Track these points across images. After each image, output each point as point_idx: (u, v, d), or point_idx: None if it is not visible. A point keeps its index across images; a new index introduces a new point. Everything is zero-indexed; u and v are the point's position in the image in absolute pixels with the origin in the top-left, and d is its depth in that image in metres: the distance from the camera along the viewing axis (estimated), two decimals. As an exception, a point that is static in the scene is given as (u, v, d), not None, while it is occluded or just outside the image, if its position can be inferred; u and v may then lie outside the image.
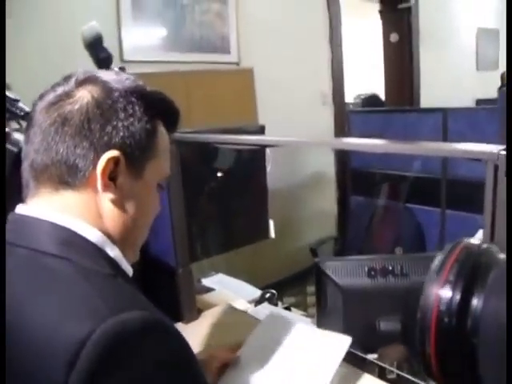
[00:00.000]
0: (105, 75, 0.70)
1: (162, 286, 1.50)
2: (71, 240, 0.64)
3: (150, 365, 0.54)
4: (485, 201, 0.66)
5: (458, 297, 0.49)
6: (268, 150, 1.66)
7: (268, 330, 1.20)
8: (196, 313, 1.50)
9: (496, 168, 0.65)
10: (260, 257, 3.08)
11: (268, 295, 1.77)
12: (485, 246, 0.53)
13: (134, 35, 2.67)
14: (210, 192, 1.58)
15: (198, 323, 1.47)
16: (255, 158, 1.67)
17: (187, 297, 1.46)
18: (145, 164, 0.70)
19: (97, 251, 0.66)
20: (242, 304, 1.66)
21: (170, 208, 1.39)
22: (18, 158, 0.74)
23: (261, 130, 1.68)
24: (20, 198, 0.71)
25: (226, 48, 3.06)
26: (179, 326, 1.45)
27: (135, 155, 0.68)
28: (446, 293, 0.49)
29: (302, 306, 3.04)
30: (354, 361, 1.19)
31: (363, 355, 1.22)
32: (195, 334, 1.41)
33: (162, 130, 0.74)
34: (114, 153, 0.65)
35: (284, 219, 3.31)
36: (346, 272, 1.26)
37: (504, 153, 0.63)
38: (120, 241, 0.70)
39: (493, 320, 0.46)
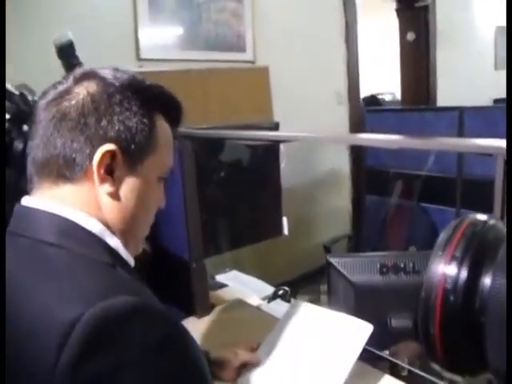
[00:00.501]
0: (102, 71, 0.71)
1: (176, 280, 1.52)
2: (70, 230, 0.66)
3: (135, 348, 0.55)
4: (494, 194, 0.67)
5: (465, 274, 0.44)
6: (282, 147, 1.67)
7: (289, 322, 1.21)
8: (209, 307, 1.52)
9: (505, 162, 0.65)
10: (274, 255, 3.09)
11: (281, 292, 1.78)
12: (492, 221, 0.50)
13: (150, 34, 2.69)
14: (223, 188, 1.60)
15: (211, 318, 1.48)
16: (269, 154, 1.68)
17: (200, 291, 1.48)
18: (143, 157, 0.71)
19: (95, 241, 0.68)
20: (254, 300, 1.67)
21: (185, 203, 1.41)
22: None
23: (275, 127, 1.68)
24: None
25: (241, 46, 3.08)
26: (192, 320, 1.47)
27: (132, 149, 0.69)
28: (452, 270, 0.45)
29: (315, 305, 3.04)
30: (365, 357, 1.20)
31: (375, 351, 1.22)
32: (208, 328, 1.43)
33: (161, 123, 0.74)
34: (109, 146, 0.67)
35: (298, 217, 3.31)
36: (358, 268, 1.27)
37: (514, 147, 0.64)
38: (120, 232, 0.71)
39: (502, 299, 0.42)
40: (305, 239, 3.40)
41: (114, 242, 0.70)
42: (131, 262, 0.74)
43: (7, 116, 0.97)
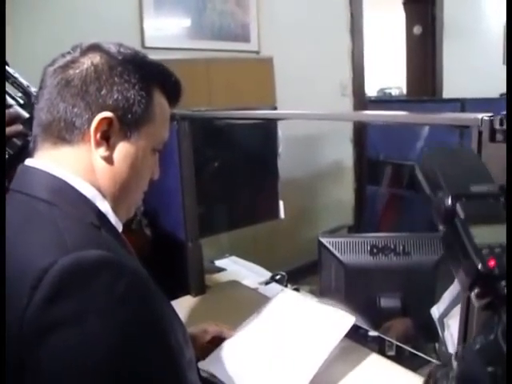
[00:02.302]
0: (107, 45, 0.77)
1: (173, 259, 1.55)
2: (62, 190, 0.71)
3: (99, 297, 0.59)
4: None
5: None
6: (280, 132, 1.69)
7: (274, 308, 1.23)
8: (204, 287, 1.55)
9: (480, 133, 0.67)
10: (275, 244, 3.12)
11: (278, 277, 1.80)
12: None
13: (155, 23, 2.72)
14: (221, 171, 1.62)
15: (206, 297, 1.52)
16: (267, 138, 1.70)
17: (196, 270, 1.51)
18: (139, 127, 0.76)
19: (86, 203, 0.72)
20: (251, 283, 1.70)
21: (182, 184, 1.44)
22: None
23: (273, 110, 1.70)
24: None
25: (246, 37, 3.09)
26: (187, 298, 1.50)
27: (128, 118, 0.74)
28: None
29: (314, 295, 3.05)
30: (354, 336, 1.22)
31: (366, 328, 1.24)
32: (202, 306, 1.46)
33: (158, 98, 0.79)
34: (107, 114, 0.72)
35: (301, 208, 3.34)
36: (349, 249, 1.29)
37: (487, 118, 0.66)
38: (111, 197, 0.76)
39: None
40: (307, 230, 3.41)
41: (105, 206, 0.75)
42: (119, 227, 0.78)
43: (27, 116, 0.98)
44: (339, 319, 1.12)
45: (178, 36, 2.84)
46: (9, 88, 1.01)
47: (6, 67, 1.02)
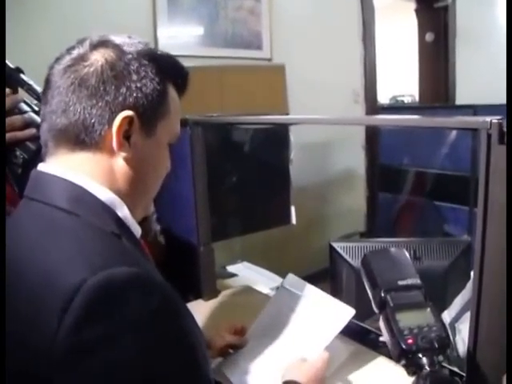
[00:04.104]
0: (117, 39, 0.73)
1: (185, 264, 1.57)
2: (82, 197, 0.68)
3: (130, 317, 0.57)
4: (479, 168, 0.69)
5: None
6: (292, 138, 1.71)
7: (276, 305, 1.23)
8: (216, 291, 1.56)
9: (489, 136, 0.68)
10: (287, 251, 3.12)
11: (289, 282, 1.80)
12: None
13: (169, 31, 2.75)
14: (233, 176, 1.64)
15: (218, 301, 1.53)
16: (279, 144, 1.72)
17: (208, 274, 1.52)
18: (157, 123, 0.74)
19: (105, 210, 0.70)
20: (263, 289, 1.70)
21: (194, 188, 1.45)
22: None
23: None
24: None
25: (258, 44, 3.11)
26: (199, 303, 1.51)
27: (148, 115, 0.72)
28: None
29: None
30: (365, 341, 1.22)
31: (377, 332, 1.23)
32: (214, 311, 1.47)
33: (172, 91, 0.77)
34: (128, 112, 0.69)
35: (313, 215, 3.34)
36: (360, 254, 1.30)
37: (496, 121, 0.66)
38: (130, 198, 0.74)
39: None
40: (319, 236, 3.41)
41: (123, 212, 0.72)
42: (138, 232, 0.77)
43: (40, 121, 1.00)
44: (339, 311, 1.11)
45: (192, 44, 2.87)
46: (24, 95, 1.03)
47: (21, 75, 1.04)
